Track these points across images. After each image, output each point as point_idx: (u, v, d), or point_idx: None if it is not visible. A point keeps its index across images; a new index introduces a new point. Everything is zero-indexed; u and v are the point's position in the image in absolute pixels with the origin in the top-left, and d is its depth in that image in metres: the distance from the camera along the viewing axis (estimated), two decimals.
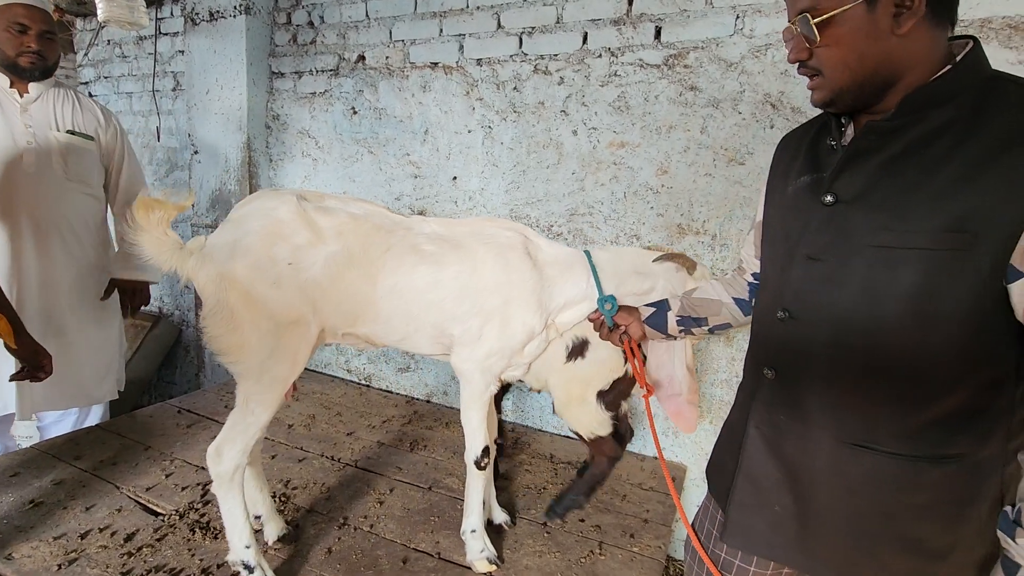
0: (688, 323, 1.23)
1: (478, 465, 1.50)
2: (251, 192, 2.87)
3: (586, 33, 2.18)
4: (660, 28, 2.05)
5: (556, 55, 2.24)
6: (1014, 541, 0.76)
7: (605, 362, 1.69)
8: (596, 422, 1.70)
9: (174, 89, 3.33)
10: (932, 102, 0.78)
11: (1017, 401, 0.79)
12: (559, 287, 1.46)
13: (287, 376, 1.35)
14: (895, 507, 0.82)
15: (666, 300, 1.27)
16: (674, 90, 2.05)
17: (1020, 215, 0.69)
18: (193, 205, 2.96)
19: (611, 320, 1.34)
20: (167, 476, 1.86)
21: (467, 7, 2.39)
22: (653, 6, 2.05)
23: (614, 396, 1.70)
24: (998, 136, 0.72)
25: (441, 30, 2.47)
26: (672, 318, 1.24)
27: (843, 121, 0.91)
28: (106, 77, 3.60)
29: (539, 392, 2.00)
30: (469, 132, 2.46)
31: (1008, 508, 0.79)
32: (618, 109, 2.15)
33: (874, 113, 0.85)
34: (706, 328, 1.22)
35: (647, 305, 1.30)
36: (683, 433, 2.18)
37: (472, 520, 1.53)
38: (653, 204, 2.14)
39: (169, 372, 3.51)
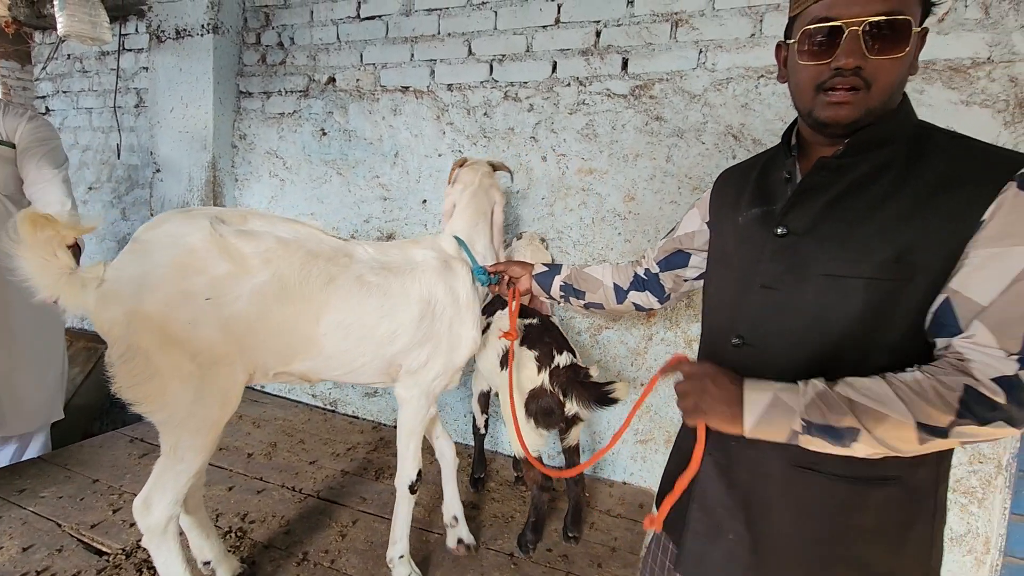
0: (568, 291, 1.36)
1: (412, 489, 1.51)
2: None
3: (555, 62, 2.22)
4: (627, 60, 2.11)
5: (526, 83, 2.27)
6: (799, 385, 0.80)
7: (523, 369, 1.66)
8: (527, 439, 1.62)
9: (137, 106, 3.25)
10: (876, 143, 0.83)
11: None
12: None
13: (219, 418, 1.23)
14: (843, 530, 0.84)
15: (561, 265, 1.40)
16: (640, 119, 2.10)
17: (952, 250, 0.75)
18: None
19: (485, 281, 1.54)
20: (115, 511, 1.76)
21: (438, 33, 2.42)
22: (620, 38, 2.11)
23: (537, 409, 1.64)
24: (933, 180, 0.78)
25: (412, 55, 2.48)
26: (558, 282, 1.38)
27: (793, 153, 0.94)
28: (65, 92, 3.50)
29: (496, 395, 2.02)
30: (439, 156, 2.46)
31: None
32: (586, 136, 2.19)
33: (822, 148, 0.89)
34: (582, 302, 1.35)
35: (543, 264, 1.44)
36: (651, 458, 2.19)
37: (400, 546, 1.53)
38: (621, 230, 2.16)
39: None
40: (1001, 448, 1.71)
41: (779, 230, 0.87)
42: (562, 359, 1.65)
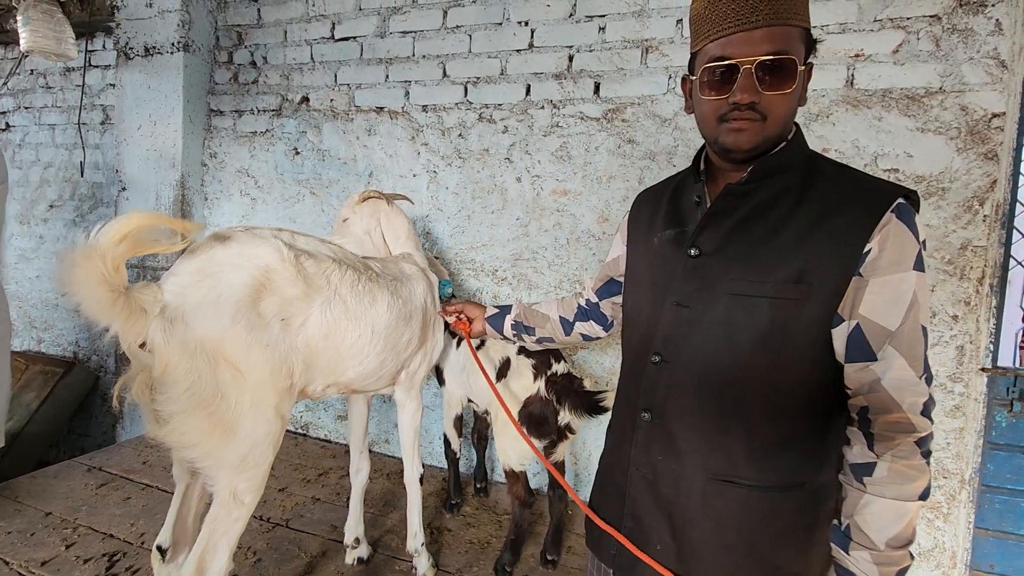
0: (519, 328, 1.40)
1: (421, 480, 1.67)
2: None
3: (529, 85, 2.25)
4: (599, 84, 2.15)
5: (500, 105, 2.30)
6: (848, 553, 0.85)
7: (519, 378, 1.68)
8: (513, 451, 1.66)
9: (103, 123, 3.18)
10: (776, 170, 0.89)
11: (840, 433, 0.90)
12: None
13: (276, 444, 1.17)
14: (757, 536, 0.89)
15: (510, 306, 1.44)
16: (613, 142, 2.13)
17: (843, 270, 0.82)
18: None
19: (445, 296, 1.75)
20: (68, 547, 1.67)
21: (413, 55, 2.43)
22: (592, 63, 2.15)
23: (530, 417, 1.65)
24: (823, 204, 0.85)
25: (387, 76, 2.49)
26: (508, 321, 1.42)
27: (702, 178, 1.00)
28: (27, 107, 3.40)
29: (486, 414, 2.04)
30: (414, 176, 2.46)
31: (836, 522, 0.88)
32: (560, 158, 2.21)
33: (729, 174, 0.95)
34: (534, 338, 1.39)
35: (494, 306, 1.49)
36: None
37: (420, 536, 1.66)
38: (595, 250, 2.18)
39: (82, 423, 3.22)
40: (964, 463, 1.76)
41: (692, 251, 0.93)
42: (559, 367, 1.69)
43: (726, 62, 0.84)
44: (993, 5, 1.69)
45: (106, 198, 3.18)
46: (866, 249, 0.81)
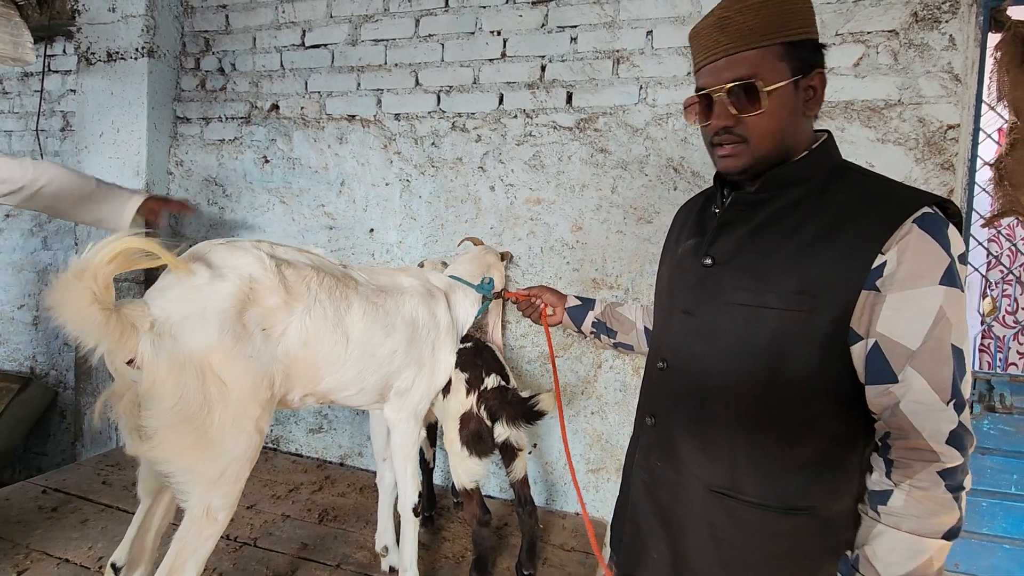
0: (601, 328, 1.38)
1: (415, 512, 1.53)
2: None
3: (502, 94, 2.25)
4: (571, 93, 2.16)
5: (474, 113, 2.29)
6: None
7: (456, 393, 1.62)
8: (463, 469, 1.59)
9: (63, 129, 3.08)
10: (789, 181, 0.88)
11: (865, 461, 0.84)
12: (464, 310, 1.71)
13: (253, 459, 1.15)
14: (754, 557, 0.86)
15: (594, 300, 1.42)
16: (586, 151, 2.15)
17: (851, 283, 0.79)
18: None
19: (490, 294, 1.74)
20: (20, 573, 1.59)
21: (385, 63, 2.42)
22: (564, 73, 2.17)
23: (467, 435, 1.59)
24: (836, 214, 0.83)
25: (359, 84, 2.47)
26: (591, 318, 1.39)
27: (726, 192, 1.00)
28: None
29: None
30: (387, 185, 2.44)
31: (848, 553, 0.83)
32: (534, 167, 2.22)
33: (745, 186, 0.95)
34: (612, 340, 1.37)
35: (576, 296, 1.47)
36: (603, 487, 2.18)
37: (411, 574, 1.52)
38: (569, 259, 2.19)
39: (39, 442, 3.09)
40: None
41: (706, 260, 0.93)
42: (490, 381, 1.59)
43: (701, 92, 0.89)
44: (947, 22, 1.75)
45: None
46: (879, 262, 0.77)
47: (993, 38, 1.85)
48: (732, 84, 0.84)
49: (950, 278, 0.74)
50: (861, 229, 0.79)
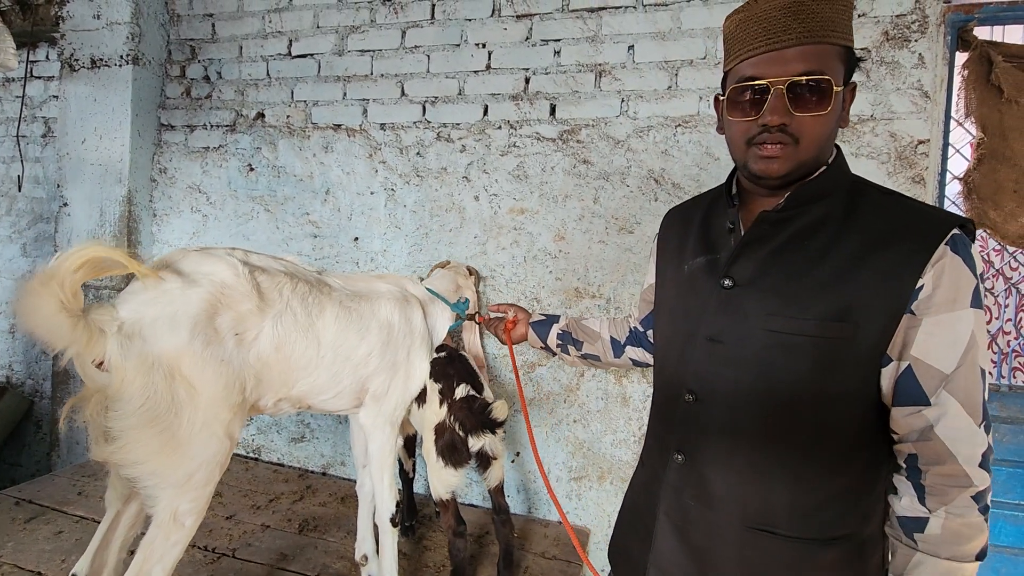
0: (566, 339, 1.34)
1: (393, 522, 1.52)
2: (128, 247, 2.64)
3: (487, 106, 2.28)
4: (555, 105, 2.20)
5: (458, 124, 2.32)
6: None
7: (431, 403, 1.61)
8: (438, 479, 1.58)
9: (44, 136, 3.05)
10: (814, 197, 0.84)
11: (888, 478, 0.84)
12: (440, 321, 1.74)
13: (223, 465, 1.16)
14: None
15: (559, 315, 1.39)
16: (568, 162, 2.18)
17: (893, 309, 0.76)
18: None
19: (464, 314, 1.74)
20: None
21: (371, 74, 2.44)
22: (548, 86, 2.20)
23: (442, 446, 1.58)
24: (870, 236, 0.79)
25: (345, 94, 2.48)
26: (555, 330, 1.36)
27: (735, 203, 0.94)
28: None
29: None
30: (372, 194, 2.44)
31: None
32: (517, 177, 2.24)
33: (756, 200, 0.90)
34: (579, 352, 1.33)
35: (541, 313, 1.44)
36: (586, 495, 2.18)
37: None
38: (552, 268, 2.21)
39: (14, 452, 3.02)
40: None
41: (725, 282, 0.87)
42: (460, 391, 1.59)
43: (756, 82, 0.80)
44: (916, 41, 1.81)
45: (46, 213, 3.03)
46: (918, 286, 0.75)
47: (961, 57, 1.92)
48: (804, 77, 0.77)
49: (977, 300, 0.74)
50: (900, 253, 0.76)
